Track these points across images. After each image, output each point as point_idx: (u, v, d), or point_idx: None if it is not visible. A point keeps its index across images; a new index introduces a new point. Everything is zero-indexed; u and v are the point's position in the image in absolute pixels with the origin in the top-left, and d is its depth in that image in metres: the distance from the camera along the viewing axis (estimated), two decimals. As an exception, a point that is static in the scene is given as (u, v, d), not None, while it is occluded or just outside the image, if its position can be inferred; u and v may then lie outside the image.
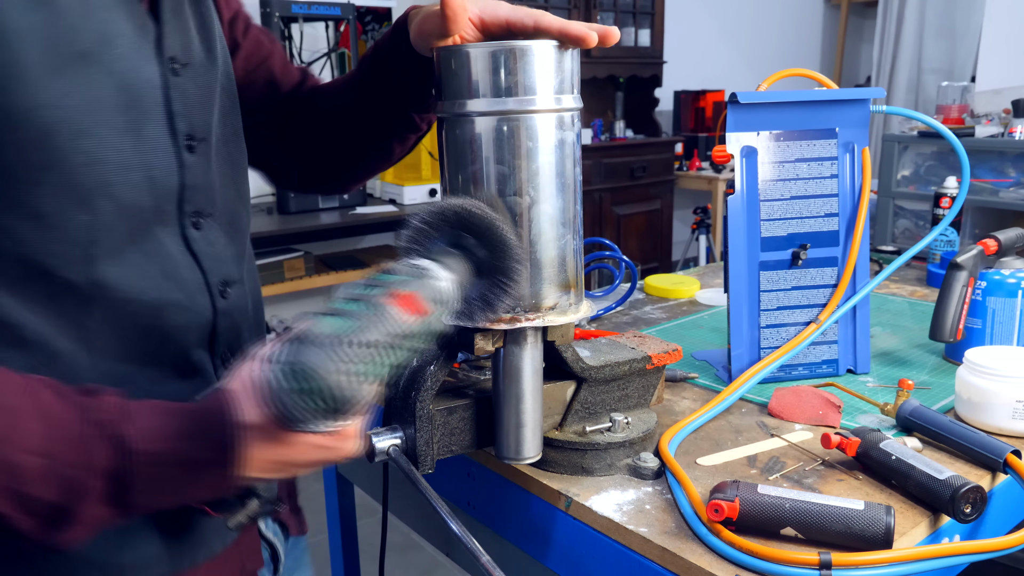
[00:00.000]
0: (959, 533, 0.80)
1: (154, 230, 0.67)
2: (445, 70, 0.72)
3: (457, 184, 0.73)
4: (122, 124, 0.62)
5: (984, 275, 1.10)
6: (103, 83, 0.61)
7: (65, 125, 0.58)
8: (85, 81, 0.60)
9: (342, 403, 0.51)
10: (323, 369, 0.51)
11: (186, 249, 0.71)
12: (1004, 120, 2.82)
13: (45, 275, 0.61)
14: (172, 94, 0.68)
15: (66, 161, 0.59)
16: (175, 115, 0.68)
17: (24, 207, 0.58)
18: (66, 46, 0.59)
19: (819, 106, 1.08)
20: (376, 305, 0.55)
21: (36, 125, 0.57)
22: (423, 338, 0.58)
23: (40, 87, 0.57)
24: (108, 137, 0.61)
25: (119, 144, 0.62)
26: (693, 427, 0.93)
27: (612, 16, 4.59)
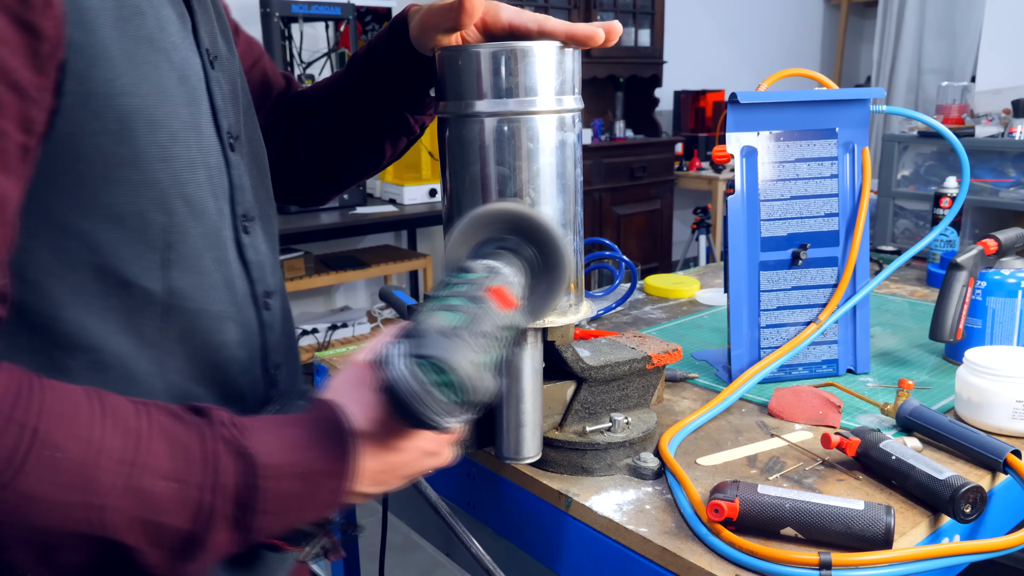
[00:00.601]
0: (959, 533, 0.80)
1: (221, 234, 0.63)
2: (446, 70, 0.72)
3: (457, 185, 0.73)
4: (187, 118, 0.59)
5: (984, 275, 1.10)
6: (168, 72, 0.57)
7: (142, 116, 0.54)
8: (155, 68, 0.55)
9: (476, 394, 0.50)
10: (459, 360, 0.49)
11: (239, 256, 0.66)
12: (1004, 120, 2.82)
13: (124, 285, 0.56)
14: (213, 88, 0.64)
15: (143, 156, 0.54)
16: (218, 110, 0.64)
17: (102, 208, 0.53)
18: (135, 29, 0.54)
19: (819, 106, 1.08)
20: (478, 299, 0.54)
21: (116, 115, 0.52)
22: (515, 331, 0.58)
23: (118, 72, 0.52)
24: (179, 131, 0.57)
25: (186, 139, 0.58)
26: (693, 427, 0.93)
27: (612, 16, 4.59)
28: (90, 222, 0.53)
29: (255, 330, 0.68)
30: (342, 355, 1.26)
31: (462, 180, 0.73)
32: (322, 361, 1.24)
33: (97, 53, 0.51)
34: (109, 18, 0.52)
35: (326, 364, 1.23)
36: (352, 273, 3.31)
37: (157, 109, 0.55)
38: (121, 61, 0.52)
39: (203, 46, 0.64)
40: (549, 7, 4.34)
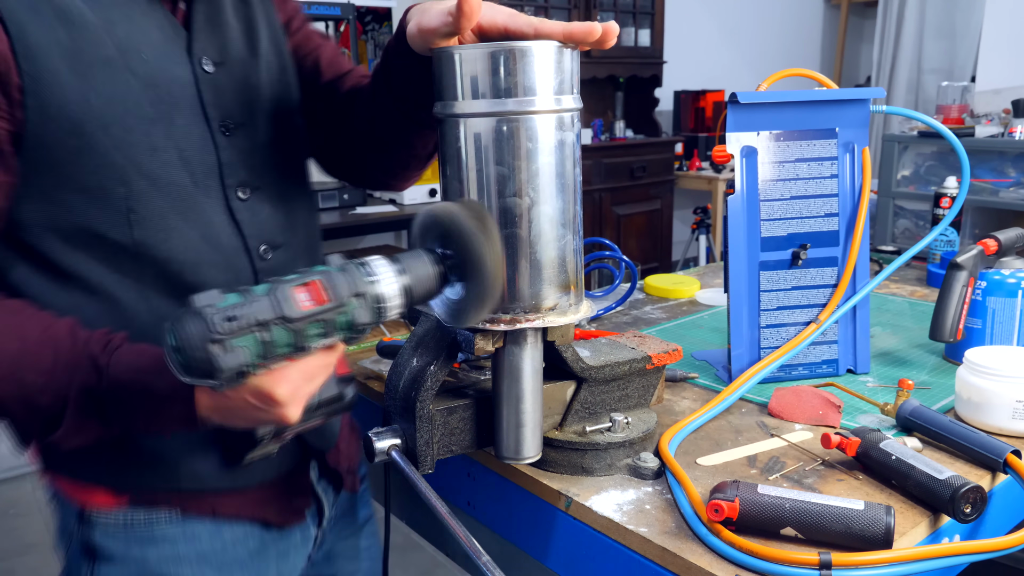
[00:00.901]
0: (959, 533, 0.80)
1: (196, 200, 0.79)
2: (444, 71, 0.72)
3: (457, 185, 0.73)
4: (152, 114, 0.75)
5: (984, 275, 1.10)
6: (128, 83, 0.73)
7: (91, 117, 0.71)
8: (109, 81, 0.72)
9: (203, 364, 0.57)
10: (188, 333, 0.57)
11: (229, 217, 0.82)
12: (1004, 120, 2.82)
13: (99, 237, 0.74)
14: (203, 87, 0.80)
15: (98, 145, 0.72)
16: (207, 105, 0.80)
17: (72, 183, 0.72)
18: (89, 55, 0.71)
19: (819, 106, 1.08)
20: (278, 288, 0.60)
21: (67, 118, 0.70)
22: (323, 325, 0.61)
23: (66, 89, 0.70)
24: (136, 125, 0.74)
25: (148, 130, 0.75)
26: (693, 427, 0.93)
27: (612, 16, 4.59)
28: (65, 193, 0.73)
29: (248, 276, 0.83)
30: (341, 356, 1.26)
31: (461, 180, 0.73)
32: (322, 361, 1.23)
33: (44, 77, 0.69)
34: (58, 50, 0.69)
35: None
36: (352, 273, 3.30)
37: (108, 111, 0.72)
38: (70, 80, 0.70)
39: (196, 56, 0.80)
40: (549, 7, 4.34)
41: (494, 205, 0.71)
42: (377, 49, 3.93)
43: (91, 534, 0.81)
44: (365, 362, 1.20)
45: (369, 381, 1.15)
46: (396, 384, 0.80)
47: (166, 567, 0.82)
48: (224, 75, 0.82)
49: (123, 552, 0.81)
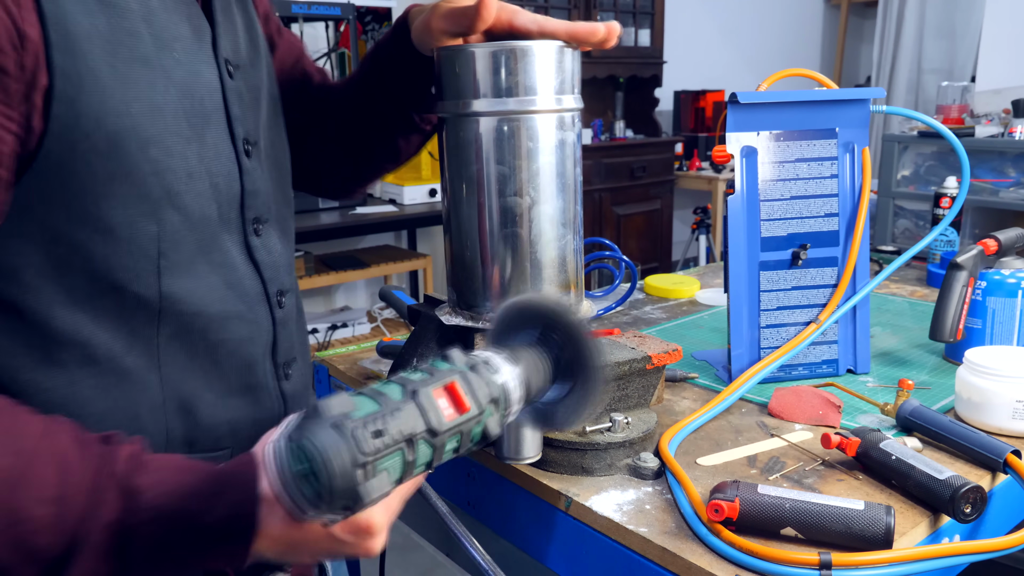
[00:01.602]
0: (959, 533, 0.80)
1: (220, 239, 0.65)
2: (446, 70, 0.72)
3: (457, 184, 0.73)
4: (186, 131, 0.61)
5: (984, 275, 1.10)
6: (165, 89, 0.60)
7: (134, 133, 0.57)
8: (149, 87, 0.58)
9: (346, 495, 0.44)
10: (331, 453, 0.43)
11: (248, 258, 0.69)
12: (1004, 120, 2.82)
13: (116, 290, 0.58)
14: (229, 97, 0.67)
15: (135, 171, 0.57)
16: (233, 119, 0.67)
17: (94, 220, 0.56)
18: (128, 51, 0.57)
19: (819, 106, 1.08)
20: (419, 392, 0.48)
21: (106, 134, 0.55)
22: (460, 439, 0.51)
23: (108, 94, 0.55)
24: (174, 145, 0.60)
25: (184, 152, 0.61)
26: (693, 427, 0.93)
27: (612, 16, 4.59)
28: (83, 232, 0.56)
29: (268, 327, 0.71)
30: (342, 355, 1.26)
31: (462, 180, 0.73)
32: (322, 361, 1.24)
33: (84, 77, 0.54)
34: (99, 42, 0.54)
35: (326, 364, 1.23)
36: (352, 273, 3.31)
37: (150, 126, 0.58)
38: (111, 83, 0.55)
39: (222, 57, 0.66)
40: (549, 7, 4.34)
41: (494, 204, 0.71)
42: (377, 49, 3.92)
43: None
44: (365, 362, 1.20)
45: (369, 381, 1.15)
46: (396, 384, 0.80)
47: None
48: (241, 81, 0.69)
49: None
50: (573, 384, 0.57)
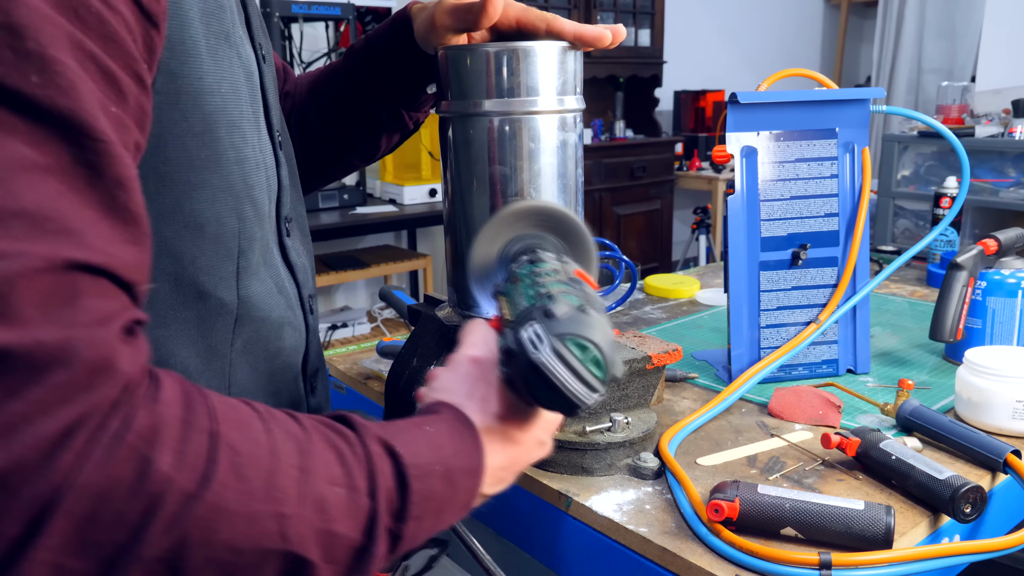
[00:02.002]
0: (959, 533, 0.80)
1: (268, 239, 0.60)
2: (449, 69, 0.72)
3: (458, 184, 0.73)
4: (251, 116, 0.56)
5: (984, 275, 1.10)
6: (239, 69, 0.54)
7: (223, 115, 0.52)
8: (230, 66, 0.53)
9: (613, 368, 0.48)
10: (597, 336, 0.47)
11: (283, 260, 0.65)
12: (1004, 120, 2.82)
13: (201, 297, 0.54)
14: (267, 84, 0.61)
15: (223, 158, 0.53)
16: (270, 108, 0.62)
17: (184, 215, 0.51)
18: (217, 23, 0.52)
19: (819, 106, 1.08)
20: (576, 281, 0.52)
21: (202, 114, 0.51)
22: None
23: (205, 70, 0.51)
24: (248, 131, 0.56)
25: (254, 139, 0.56)
26: (693, 427, 0.93)
27: (612, 16, 4.59)
28: (171, 229, 0.51)
29: (303, 334, 0.66)
30: (342, 355, 1.27)
31: (463, 179, 0.73)
32: (322, 361, 1.24)
33: (188, 49, 0.49)
34: (197, 12, 0.50)
35: (326, 364, 1.23)
36: (352, 273, 3.31)
37: (233, 108, 0.53)
38: (207, 58, 0.51)
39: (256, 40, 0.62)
40: (549, 7, 4.34)
41: (496, 204, 0.71)
42: (377, 49, 3.92)
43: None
44: (365, 362, 1.20)
45: (369, 381, 1.15)
46: (396, 384, 0.80)
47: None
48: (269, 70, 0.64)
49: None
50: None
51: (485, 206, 0.72)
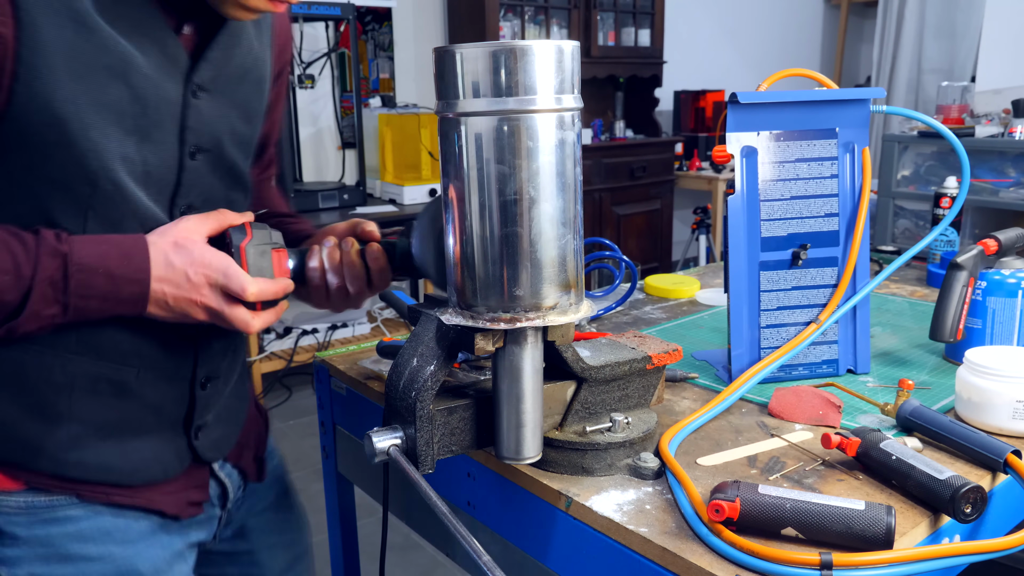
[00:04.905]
0: (959, 533, 0.80)
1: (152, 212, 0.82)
2: (445, 69, 0.72)
3: (457, 184, 0.73)
4: (131, 126, 0.78)
5: (984, 275, 1.10)
6: (120, 93, 0.76)
7: (76, 117, 0.73)
8: (102, 87, 0.74)
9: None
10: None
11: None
12: (1004, 120, 2.82)
13: (52, 224, 0.77)
14: (188, 111, 0.83)
15: (75, 145, 0.74)
16: (186, 128, 0.83)
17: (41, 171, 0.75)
18: (91, 59, 0.73)
19: (819, 106, 1.08)
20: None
21: (52, 113, 0.72)
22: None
23: (59, 86, 0.72)
24: (113, 133, 0.76)
25: (123, 140, 0.77)
26: (693, 427, 0.93)
27: (612, 16, 4.59)
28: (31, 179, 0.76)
29: None
30: (342, 355, 1.26)
31: (462, 179, 0.73)
32: (322, 361, 1.24)
33: (41, 70, 0.71)
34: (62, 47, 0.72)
35: (326, 364, 1.23)
36: (352, 273, 3.29)
37: (94, 115, 0.74)
38: (64, 77, 0.72)
39: (194, 82, 0.83)
40: (549, 7, 4.34)
41: (494, 204, 0.71)
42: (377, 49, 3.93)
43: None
44: (365, 362, 1.20)
45: (369, 381, 1.15)
46: (396, 384, 0.80)
47: (70, 544, 0.85)
48: (209, 103, 0.85)
49: (26, 533, 0.84)
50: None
51: (484, 206, 0.72)
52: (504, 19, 4.17)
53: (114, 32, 0.74)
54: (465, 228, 0.73)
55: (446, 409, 0.80)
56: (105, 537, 0.87)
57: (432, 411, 0.78)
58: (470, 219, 0.73)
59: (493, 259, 0.72)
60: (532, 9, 4.30)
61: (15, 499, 0.83)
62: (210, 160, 0.87)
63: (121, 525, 0.88)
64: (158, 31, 0.79)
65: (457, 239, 0.75)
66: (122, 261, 0.76)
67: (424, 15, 4.17)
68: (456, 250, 0.75)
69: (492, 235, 0.72)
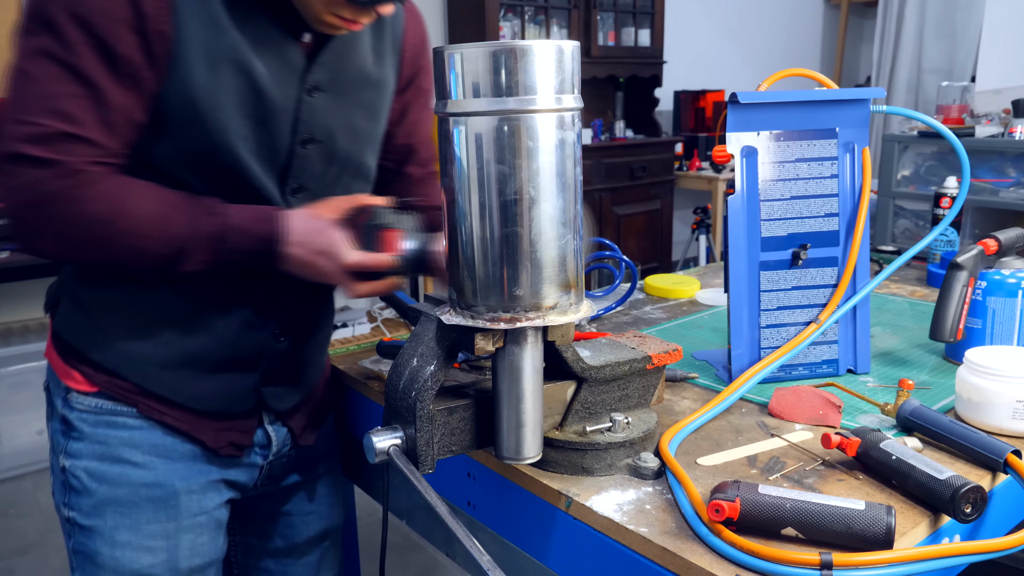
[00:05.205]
0: (959, 533, 0.80)
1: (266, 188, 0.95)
2: (446, 69, 0.72)
3: (458, 184, 0.73)
4: (248, 112, 0.91)
5: (984, 275, 1.10)
6: (244, 83, 0.90)
7: (205, 101, 0.88)
8: (230, 79, 0.89)
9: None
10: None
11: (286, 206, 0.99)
12: (1004, 120, 2.82)
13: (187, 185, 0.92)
14: (301, 107, 0.96)
15: (204, 123, 0.89)
16: (299, 121, 0.96)
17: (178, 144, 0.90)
18: (221, 54, 0.88)
19: (819, 106, 1.08)
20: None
21: (190, 95, 0.87)
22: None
23: (193, 74, 0.87)
24: (236, 117, 0.90)
25: (242, 123, 0.91)
26: (693, 427, 0.93)
27: (612, 16, 4.59)
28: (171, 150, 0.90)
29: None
30: (342, 355, 1.26)
31: (462, 179, 0.73)
32: (322, 361, 1.23)
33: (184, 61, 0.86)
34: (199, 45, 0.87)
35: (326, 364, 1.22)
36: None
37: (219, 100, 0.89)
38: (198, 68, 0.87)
39: (308, 81, 0.96)
40: (549, 7, 4.34)
41: (495, 203, 0.71)
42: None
43: (69, 414, 0.99)
44: (365, 362, 1.20)
45: (369, 381, 1.15)
46: (396, 384, 0.80)
47: (122, 448, 0.98)
48: (323, 100, 0.97)
49: (90, 431, 0.98)
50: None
51: (484, 205, 0.72)
52: (504, 19, 4.17)
53: (240, 35, 0.89)
54: (465, 228, 0.73)
55: (446, 409, 0.80)
56: (152, 449, 0.99)
57: (432, 411, 0.78)
58: (470, 219, 0.73)
59: (493, 259, 0.72)
60: (532, 9, 4.30)
61: (89, 400, 0.98)
62: (322, 150, 0.99)
63: (168, 443, 1.00)
64: (279, 37, 0.93)
65: (457, 239, 0.75)
66: (266, 226, 0.90)
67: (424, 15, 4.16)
68: (456, 250, 0.75)
69: (492, 235, 0.72)
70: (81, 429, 0.99)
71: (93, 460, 0.99)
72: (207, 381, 1.00)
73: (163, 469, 1.00)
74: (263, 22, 0.92)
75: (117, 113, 0.86)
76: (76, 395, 0.99)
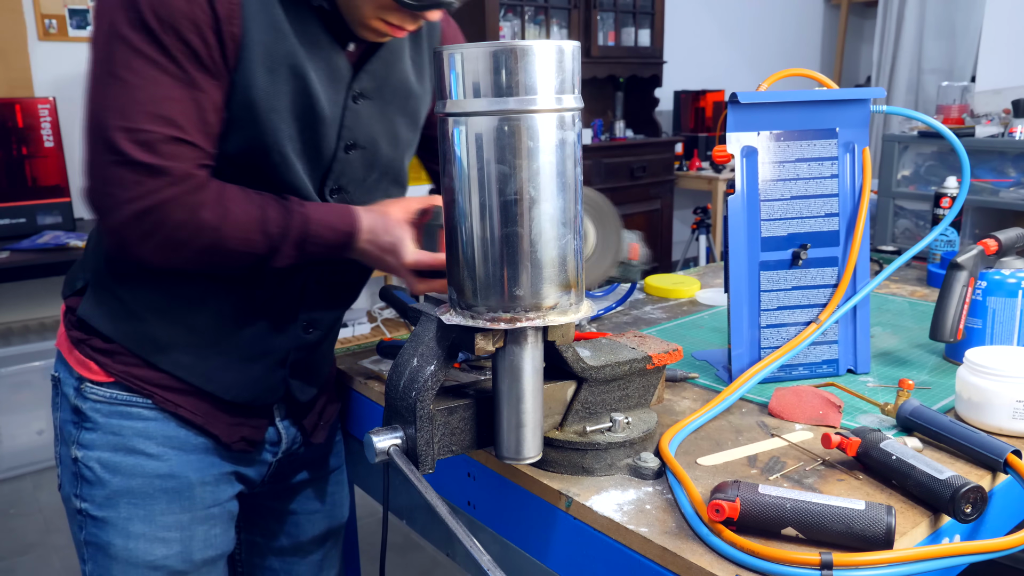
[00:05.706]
0: (959, 533, 0.80)
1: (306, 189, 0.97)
2: (446, 69, 0.72)
3: (458, 184, 0.73)
4: (298, 114, 0.94)
5: (984, 275, 1.10)
6: (298, 88, 0.93)
7: (263, 103, 0.90)
8: (286, 82, 0.92)
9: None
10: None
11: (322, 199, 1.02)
12: (1004, 120, 2.82)
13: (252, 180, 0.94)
14: (347, 114, 0.99)
15: (258, 121, 0.91)
16: (344, 127, 0.99)
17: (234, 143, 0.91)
18: (282, 58, 0.91)
19: (819, 106, 1.08)
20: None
21: (248, 96, 0.89)
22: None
23: (255, 76, 0.89)
24: (285, 118, 0.93)
25: (292, 125, 0.93)
26: (693, 427, 0.93)
27: (612, 16, 4.59)
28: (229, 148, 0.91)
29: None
30: (342, 355, 1.26)
31: (462, 179, 0.73)
32: (322, 361, 1.23)
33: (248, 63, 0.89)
34: (261, 48, 0.89)
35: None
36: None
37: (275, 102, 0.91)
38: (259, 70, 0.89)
39: (354, 89, 0.99)
40: (549, 7, 4.34)
41: (495, 203, 0.71)
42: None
43: (82, 404, 0.99)
44: (365, 362, 1.20)
45: (369, 381, 1.15)
46: (396, 384, 0.80)
47: (136, 439, 0.99)
48: (368, 107, 1.01)
49: (104, 421, 0.99)
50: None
51: (484, 205, 0.72)
52: (504, 19, 4.17)
53: (296, 41, 0.92)
54: (465, 228, 0.73)
55: (446, 409, 0.80)
56: (166, 440, 1.00)
57: (432, 411, 0.78)
58: (470, 219, 0.73)
59: (493, 259, 0.72)
60: (532, 9, 4.30)
61: (103, 390, 0.98)
62: (364, 156, 1.02)
63: (182, 435, 1.01)
64: (328, 46, 0.95)
65: (457, 239, 0.75)
66: (345, 224, 0.94)
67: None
68: (456, 250, 0.75)
69: (492, 235, 0.72)
70: (95, 419, 0.99)
71: (107, 451, 0.99)
72: (240, 371, 1.01)
73: (177, 460, 1.01)
74: (316, 29, 0.94)
75: (211, 115, 0.87)
76: (90, 385, 0.99)
